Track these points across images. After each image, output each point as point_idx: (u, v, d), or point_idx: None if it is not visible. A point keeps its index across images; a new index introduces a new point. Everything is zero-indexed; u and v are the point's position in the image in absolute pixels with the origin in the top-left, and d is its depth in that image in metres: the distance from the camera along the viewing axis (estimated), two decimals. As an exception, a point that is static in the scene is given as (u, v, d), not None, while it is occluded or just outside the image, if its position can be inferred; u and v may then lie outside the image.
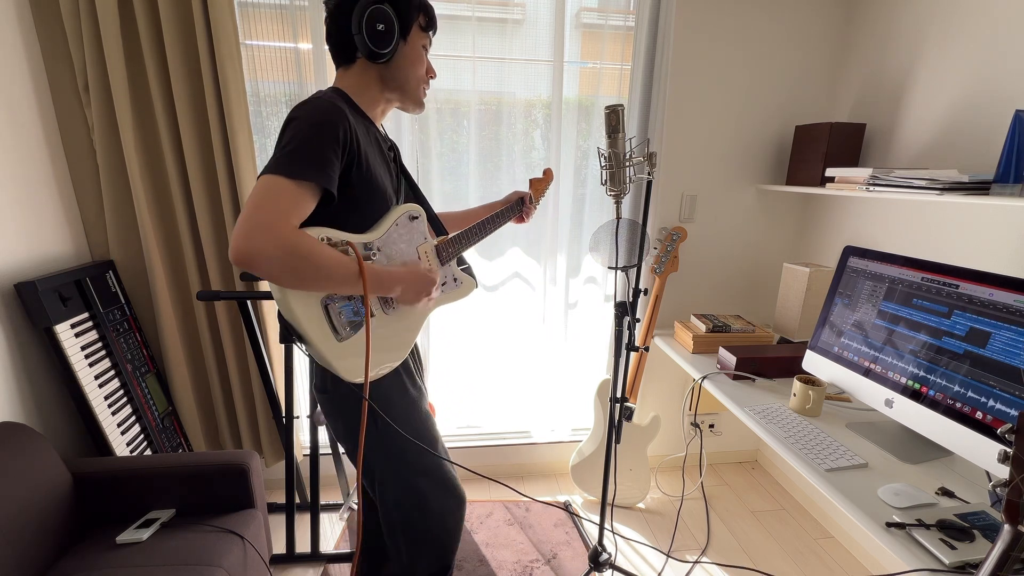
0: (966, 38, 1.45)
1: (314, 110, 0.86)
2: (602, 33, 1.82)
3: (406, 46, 0.98)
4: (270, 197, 0.80)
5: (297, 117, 0.86)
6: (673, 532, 1.92)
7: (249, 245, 0.77)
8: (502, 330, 2.10)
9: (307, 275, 0.84)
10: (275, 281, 0.84)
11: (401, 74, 1.00)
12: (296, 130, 0.84)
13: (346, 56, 0.98)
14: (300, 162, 0.82)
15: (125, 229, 1.66)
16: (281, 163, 0.82)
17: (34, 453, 1.22)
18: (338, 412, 1.06)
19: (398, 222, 1.03)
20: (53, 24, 1.51)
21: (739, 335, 1.80)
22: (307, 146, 0.83)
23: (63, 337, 1.41)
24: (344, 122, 0.87)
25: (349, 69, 0.99)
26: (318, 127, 0.85)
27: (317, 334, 0.90)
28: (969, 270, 1.11)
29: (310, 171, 0.83)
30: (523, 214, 1.37)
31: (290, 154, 0.82)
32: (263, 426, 1.93)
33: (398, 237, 1.03)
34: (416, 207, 1.08)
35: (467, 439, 2.22)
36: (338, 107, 0.88)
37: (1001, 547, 0.60)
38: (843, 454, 1.17)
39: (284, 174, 0.81)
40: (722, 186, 2.01)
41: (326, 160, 0.84)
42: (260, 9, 1.62)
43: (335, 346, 0.92)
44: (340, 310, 0.93)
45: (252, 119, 1.66)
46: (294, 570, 1.70)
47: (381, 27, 0.92)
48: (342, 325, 0.93)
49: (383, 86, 1.01)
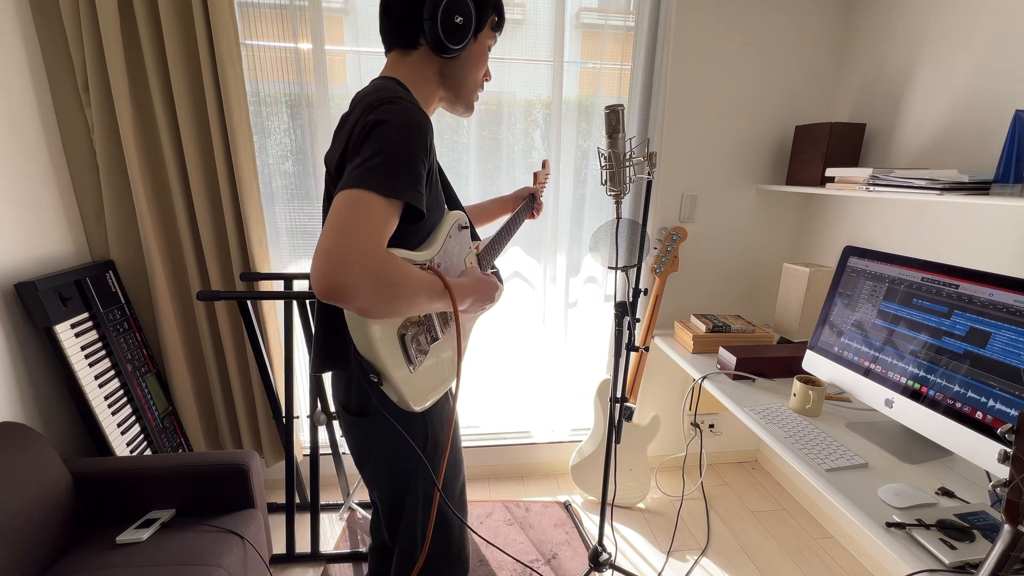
0: (966, 38, 1.45)
1: (404, 115, 0.74)
2: (602, 33, 1.82)
3: (475, 44, 0.89)
4: (363, 218, 0.68)
5: (386, 122, 0.73)
6: (673, 532, 1.92)
7: (344, 278, 0.64)
8: (502, 330, 2.10)
9: (400, 303, 0.72)
10: (365, 314, 0.71)
11: (462, 72, 0.91)
12: (386, 138, 0.72)
13: (407, 40, 0.86)
14: (393, 177, 0.71)
15: (125, 229, 1.66)
16: (371, 176, 0.69)
17: (34, 453, 1.22)
18: (374, 437, 0.96)
19: (451, 233, 0.95)
20: (53, 24, 1.51)
21: (739, 335, 1.80)
22: (399, 158, 0.72)
23: (63, 337, 1.41)
24: (431, 131, 0.78)
25: (407, 56, 0.87)
26: (409, 136, 0.74)
27: (394, 367, 0.81)
28: (969, 270, 1.11)
29: (403, 187, 0.72)
30: (534, 211, 1.36)
31: (380, 166, 0.70)
32: (263, 426, 1.93)
33: (452, 249, 0.96)
34: (463, 215, 1.00)
35: (467, 439, 2.22)
36: (424, 112, 0.78)
37: (1001, 547, 0.60)
38: (843, 454, 1.17)
39: (377, 190, 0.69)
40: (722, 186, 2.01)
41: (418, 175, 0.74)
42: (260, 9, 1.62)
43: (408, 377, 0.84)
44: (414, 337, 0.86)
45: (252, 119, 1.66)
46: (294, 570, 1.70)
47: (460, 20, 0.82)
48: (415, 353, 0.85)
49: (441, 82, 0.91)
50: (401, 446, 0.94)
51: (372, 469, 1.01)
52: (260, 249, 1.71)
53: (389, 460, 0.98)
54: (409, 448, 0.94)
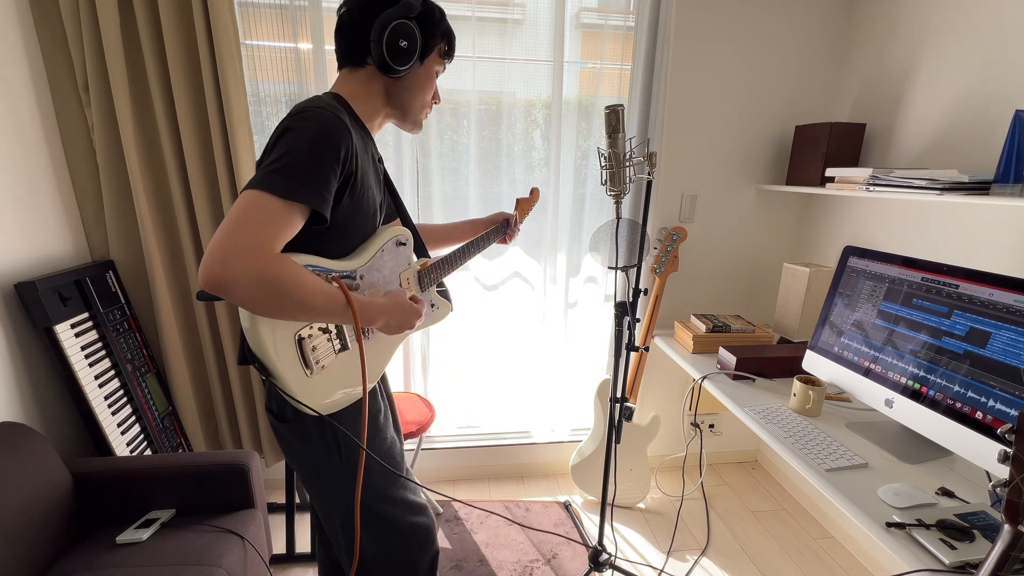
0: (966, 38, 1.45)
1: (315, 122, 0.77)
2: (602, 33, 1.82)
3: (421, 68, 0.94)
4: (254, 217, 0.69)
5: (293, 128, 0.76)
6: (673, 532, 1.92)
7: (224, 271, 0.66)
8: (502, 330, 2.10)
9: (288, 306, 0.73)
10: (249, 309, 0.73)
11: (408, 94, 0.95)
12: (292, 143, 0.74)
13: (355, 58, 0.91)
14: (293, 179, 0.72)
15: (125, 229, 1.66)
16: (270, 179, 0.71)
17: (34, 453, 1.22)
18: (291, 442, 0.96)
19: (384, 248, 0.96)
20: (53, 24, 1.50)
21: (739, 335, 1.80)
22: (303, 162, 0.74)
23: (63, 337, 1.41)
24: (348, 139, 0.79)
25: (355, 73, 0.92)
26: (317, 141, 0.75)
27: (286, 367, 0.82)
28: (969, 270, 1.11)
29: (304, 190, 0.73)
30: (506, 236, 1.35)
31: (282, 169, 0.72)
32: (263, 426, 1.93)
33: (382, 264, 0.96)
34: (405, 232, 1.02)
35: (467, 439, 2.22)
36: (342, 121, 0.79)
37: (1001, 547, 0.60)
38: (843, 454, 1.17)
39: (273, 192, 0.70)
40: (722, 186, 2.01)
41: (323, 180, 0.76)
42: (260, 9, 1.62)
43: (303, 380, 0.84)
44: (315, 344, 0.86)
45: (252, 119, 1.66)
46: (294, 570, 1.70)
47: (404, 44, 0.87)
48: (314, 359, 0.86)
49: (387, 100, 0.95)
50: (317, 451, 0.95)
51: (298, 472, 1.01)
52: (260, 249, 1.71)
53: (309, 465, 0.98)
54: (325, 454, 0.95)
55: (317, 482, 0.99)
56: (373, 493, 1.00)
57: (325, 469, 0.97)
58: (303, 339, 0.84)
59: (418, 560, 1.07)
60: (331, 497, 1.00)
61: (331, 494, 0.99)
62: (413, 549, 1.06)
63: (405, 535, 1.05)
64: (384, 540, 1.03)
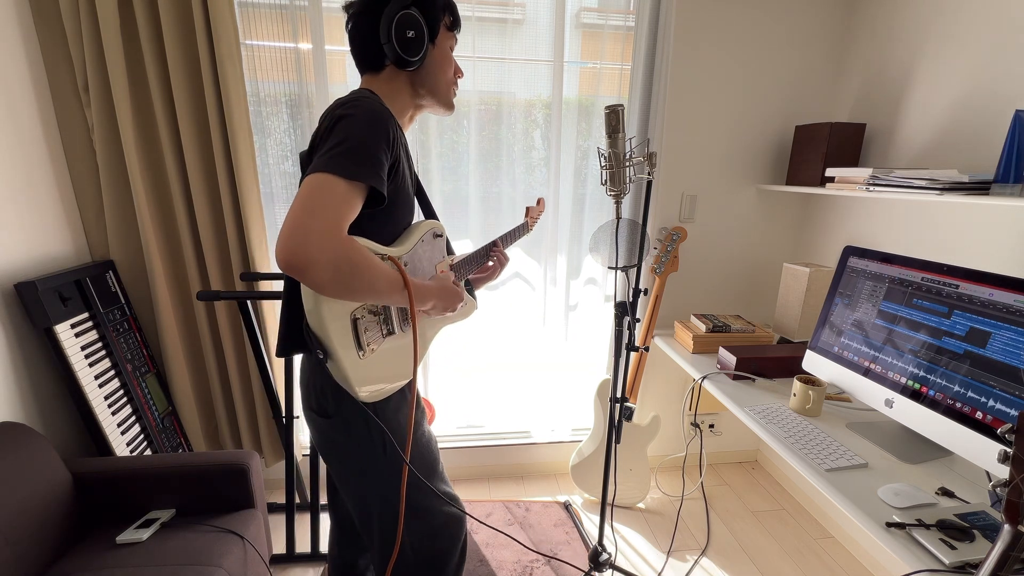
0: (966, 38, 1.45)
1: (365, 108, 0.81)
2: (602, 33, 1.82)
3: (435, 49, 0.96)
4: (326, 199, 0.73)
5: (350, 115, 0.80)
6: (673, 532, 1.92)
7: (307, 253, 0.69)
8: (502, 330, 2.10)
9: (356, 286, 0.77)
10: (321, 290, 0.76)
11: (431, 78, 0.97)
12: (348, 128, 0.79)
13: (373, 64, 0.94)
14: (355, 161, 0.77)
15: (125, 229, 1.66)
16: (335, 162, 0.75)
17: (34, 453, 1.22)
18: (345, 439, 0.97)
19: (424, 238, 1.00)
20: (53, 24, 1.50)
21: (739, 335, 1.80)
22: (362, 145, 0.78)
23: (63, 337, 1.41)
24: (394, 125, 0.84)
25: (377, 76, 0.95)
26: (370, 126, 0.80)
27: (344, 349, 0.85)
28: (969, 270, 1.11)
29: (364, 171, 0.77)
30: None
31: (344, 153, 0.76)
32: (263, 426, 1.93)
33: (423, 254, 1.01)
34: (440, 225, 1.07)
35: (467, 439, 2.22)
36: (386, 108, 0.85)
37: (1001, 547, 0.60)
38: (843, 454, 1.17)
39: (340, 174, 0.74)
40: (722, 186, 2.01)
41: (378, 161, 0.80)
42: (260, 9, 1.62)
43: (356, 362, 0.88)
44: (367, 325, 0.89)
45: (252, 119, 1.66)
46: (294, 570, 1.70)
47: (411, 34, 0.89)
48: (366, 341, 0.89)
49: (414, 92, 0.98)
50: (362, 446, 0.96)
51: (336, 469, 1.03)
52: (260, 249, 1.71)
53: (352, 461, 0.99)
54: (369, 449, 0.95)
55: (359, 478, 1.00)
56: (417, 485, 1.02)
57: (369, 464, 0.98)
58: (357, 319, 0.87)
59: (450, 550, 1.09)
60: (373, 493, 1.00)
61: (373, 490, 1.00)
62: (446, 540, 1.08)
63: (442, 526, 1.07)
64: (423, 531, 1.05)
